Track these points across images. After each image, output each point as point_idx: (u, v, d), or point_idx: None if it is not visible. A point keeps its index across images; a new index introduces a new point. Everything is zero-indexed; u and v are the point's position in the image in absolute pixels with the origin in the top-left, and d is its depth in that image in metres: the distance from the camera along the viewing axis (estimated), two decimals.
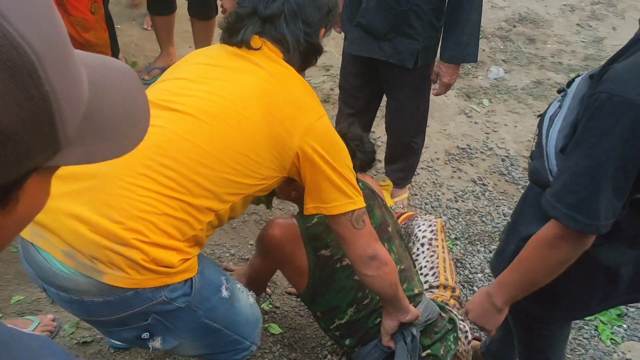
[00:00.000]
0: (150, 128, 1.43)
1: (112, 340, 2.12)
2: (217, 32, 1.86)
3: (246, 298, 1.66)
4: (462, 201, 3.03)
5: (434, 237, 2.26)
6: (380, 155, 3.11)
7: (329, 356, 2.03)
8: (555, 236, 1.31)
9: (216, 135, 1.42)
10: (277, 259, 1.94)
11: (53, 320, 2.25)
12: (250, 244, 2.70)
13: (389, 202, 2.79)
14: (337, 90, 3.76)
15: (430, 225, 2.31)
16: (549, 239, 1.33)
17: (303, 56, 1.57)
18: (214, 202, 1.43)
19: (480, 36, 4.47)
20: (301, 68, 1.60)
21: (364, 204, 1.55)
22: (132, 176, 1.35)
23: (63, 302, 1.41)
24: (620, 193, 1.23)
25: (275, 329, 2.32)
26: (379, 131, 3.36)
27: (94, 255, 1.32)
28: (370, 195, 1.95)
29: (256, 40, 1.53)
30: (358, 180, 1.99)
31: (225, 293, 1.54)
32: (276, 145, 1.46)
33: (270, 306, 2.42)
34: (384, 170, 3.06)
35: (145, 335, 1.45)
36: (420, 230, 2.30)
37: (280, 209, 2.87)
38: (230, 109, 1.44)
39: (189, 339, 1.52)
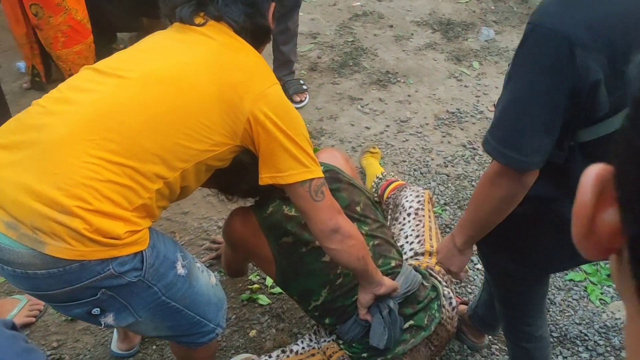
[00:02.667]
0: (96, 94, 1.37)
1: (114, 350, 2.14)
2: None
3: (207, 278, 1.63)
4: (452, 166, 3.00)
5: (420, 207, 2.24)
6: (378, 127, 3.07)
7: (316, 326, 2.03)
8: (494, 173, 1.30)
9: (165, 99, 1.39)
10: (243, 251, 1.95)
11: None
12: None
13: (379, 169, 2.76)
14: (324, 59, 3.73)
15: (417, 196, 2.30)
16: (490, 176, 1.32)
17: (251, 36, 1.54)
18: (162, 168, 1.39)
19: None
20: (254, 47, 1.56)
21: (321, 174, 1.52)
22: (75, 141, 1.32)
23: (9, 276, 1.37)
24: (549, 129, 1.20)
25: (263, 299, 2.33)
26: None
27: (36, 226, 1.28)
28: (332, 179, 1.92)
29: (199, 18, 1.52)
30: (321, 164, 1.96)
31: (181, 270, 1.51)
32: (227, 110, 1.43)
33: (258, 277, 2.42)
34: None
35: (96, 311, 1.41)
36: (407, 201, 2.29)
37: None
38: (180, 75, 1.42)
39: (147, 317, 1.50)
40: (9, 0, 2.76)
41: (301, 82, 3.41)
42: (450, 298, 2.00)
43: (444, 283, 2.02)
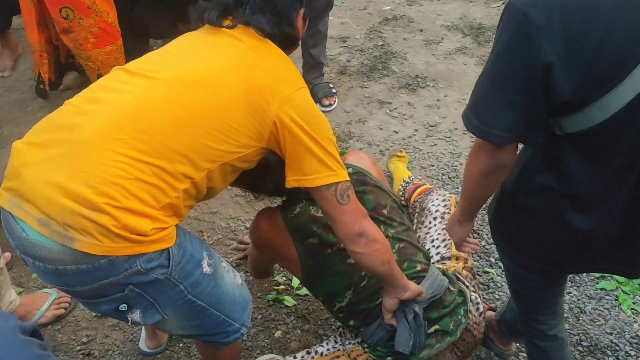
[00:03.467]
0: (126, 95, 1.42)
1: (142, 348, 2.18)
2: None
3: (232, 277, 1.65)
4: None
5: (447, 210, 2.23)
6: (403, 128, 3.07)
7: (342, 328, 2.03)
8: (476, 145, 1.35)
9: (193, 101, 1.42)
10: (269, 252, 1.97)
11: None
12: None
13: (406, 173, 2.76)
14: (353, 62, 3.73)
15: (444, 200, 2.29)
16: (473, 149, 1.37)
17: (279, 42, 1.56)
18: (189, 169, 1.42)
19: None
20: (282, 50, 1.58)
21: (347, 177, 1.52)
22: (105, 140, 1.36)
23: (40, 272, 1.41)
24: (512, 105, 1.23)
25: (289, 301, 2.34)
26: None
27: (67, 223, 1.32)
28: (359, 181, 1.92)
29: (227, 21, 1.54)
30: (348, 165, 1.97)
31: (207, 269, 1.53)
32: (254, 113, 1.45)
33: (284, 278, 2.43)
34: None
35: (123, 307, 1.44)
36: (433, 205, 2.28)
37: None
38: (207, 77, 1.44)
39: (174, 316, 1.52)
40: (26, 7, 2.81)
41: (330, 85, 3.42)
42: (478, 303, 1.98)
43: (472, 288, 2.00)
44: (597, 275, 2.47)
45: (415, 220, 2.35)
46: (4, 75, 3.57)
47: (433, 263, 2.04)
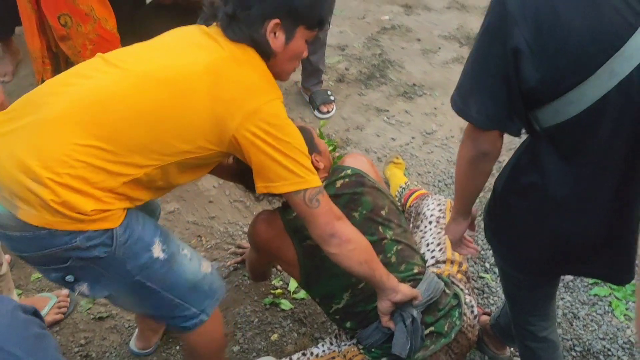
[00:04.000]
0: (96, 81, 1.48)
1: (132, 347, 2.21)
2: None
3: (196, 265, 1.67)
4: None
5: (442, 215, 2.26)
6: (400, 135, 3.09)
7: (337, 330, 2.05)
8: (464, 134, 1.42)
9: (158, 97, 1.46)
10: (267, 253, 1.99)
11: (68, 296, 2.32)
12: None
13: (403, 179, 2.79)
14: (352, 70, 3.77)
15: (439, 205, 2.32)
16: (462, 138, 1.43)
17: (258, 52, 1.56)
18: (142, 159, 1.46)
19: None
20: (262, 57, 1.58)
21: (317, 183, 1.54)
22: (65, 122, 1.42)
23: None
24: (490, 89, 1.29)
25: (285, 304, 2.36)
26: None
27: (13, 191, 1.40)
28: (356, 182, 1.95)
29: (213, 26, 1.59)
30: (346, 167, 2.00)
31: (159, 254, 1.56)
32: (216, 122, 1.48)
33: (281, 282, 2.45)
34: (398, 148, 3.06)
35: (70, 278, 1.52)
36: (428, 209, 2.31)
37: None
38: (177, 78, 1.48)
39: (123, 293, 1.59)
40: (27, 14, 2.83)
41: (329, 92, 3.45)
42: (472, 306, 2.01)
43: (466, 291, 2.02)
44: (591, 281, 2.49)
45: (411, 225, 2.38)
46: (4, 80, 3.59)
47: (428, 267, 2.06)
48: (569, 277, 2.47)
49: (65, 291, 2.32)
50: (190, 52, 1.54)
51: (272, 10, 1.52)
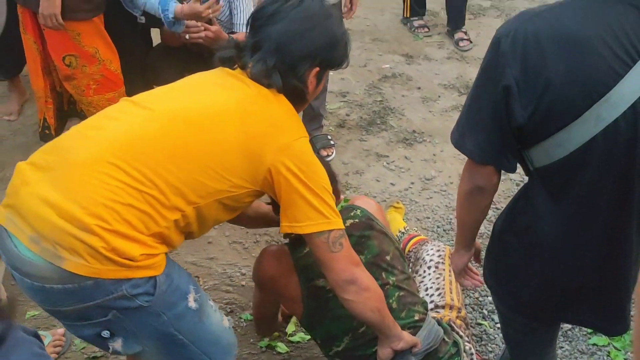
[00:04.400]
0: (126, 124, 1.48)
1: None
2: None
3: (219, 318, 1.64)
4: None
5: (441, 261, 2.27)
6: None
7: None
8: (463, 168, 1.47)
9: (191, 138, 1.47)
10: (272, 290, 1.96)
11: (63, 335, 2.30)
12: None
13: (402, 224, 2.80)
14: (352, 116, 3.83)
15: (438, 251, 2.33)
16: (462, 173, 1.48)
17: (286, 94, 1.58)
18: (180, 201, 1.44)
19: None
20: (291, 102, 1.60)
21: (341, 226, 1.55)
22: (102, 165, 1.40)
23: (26, 289, 1.42)
24: (483, 124, 1.35)
25: (282, 347, 2.33)
26: None
27: (57, 241, 1.34)
28: (365, 224, 1.96)
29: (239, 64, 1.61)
30: (356, 207, 2.01)
31: (192, 304, 1.53)
32: (249, 158, 1.49)
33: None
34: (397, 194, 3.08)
35: (106, 333, 1.45)
36: (428, 255, 2.32)
37: None
38: (208, 117, 1.49)
39: (153, 347, 1.52)
40: (32, 55, 2.90)
41: (329, 137, 3.50)
42: (472, 354, 1.99)
43: (466, 338, 2.01)
44: (589, 330, 2.48)
45: (410, 270, 2.38)
46: (10, 119, 3.65)
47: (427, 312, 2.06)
48: (567, 325, 2.46)
49: (61, 330, 2.29)
50: (218, 91, 1.56)
51: (315, 63, 1.59)
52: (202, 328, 1.56)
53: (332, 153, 3.45)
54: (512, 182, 3.27)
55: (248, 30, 1.66)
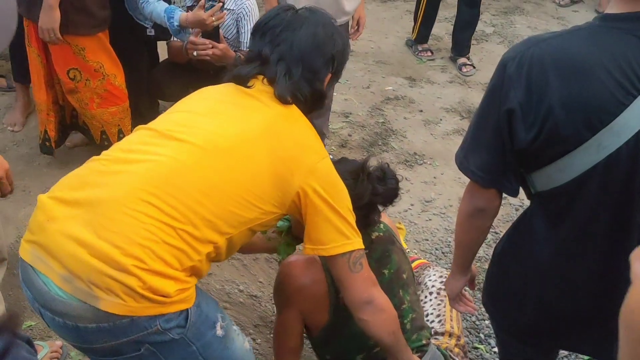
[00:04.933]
0: (156, 157, 1.45)
1: None
2: None
3: (242, 342, 1.63)
4: None
5: (443, 287, 2.26)
6: None
7: None
8: (465, 189, 1.47)
9: (222, 168, 1.45)
10: (301, 300, 1.85)
11: (61, 347, 2.30)
12: (260, 282, 2.73)
13: (405, 245, 2.80)
14: (354, 136, 3.85)
15: (440, 277, 2.32)
16: (463, 193, 1.48)
17: (306, 101, 1.59)
18: (213, 234, 1.43)
19: None
20: (306, 111, 1.62)
21: (362, 246, 1.56)
22: (135, 202, 1.37)
23: (58, 327, 1.41)
24: (487, 146, 1.36)
25: None
26: None
27: (92, 281, 1.32)
28: (389, 239, 1.96)
29: (254, 79, 1.58)
30: (379, 222, 2.00)
31: (220, 331, 1.52)
32: (278, 183, 1.48)
33: None
34: (397, 215, 3.09)
35: None
36: (430, 280, 2.32)
37: None
38: (238, 145, 1.47)
39: None
40: (36, 68, 2.93)
41: (331, 157, 3.50)
42: None
43: None
44: (586, 358, 2.47)
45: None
46: (14, 129, 3.67)
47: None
48: (564, 352, 2.45)
49: (59, 342, 2.29)
50: (241, 115, 1.54)
51: (332, 68, 1.64)
52: (227, 354, 1.56)
53: None
54: (511, 207, 3.28)
55: (259, 40, 1.63)
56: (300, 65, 1.57)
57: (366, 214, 1.84)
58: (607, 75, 1.24)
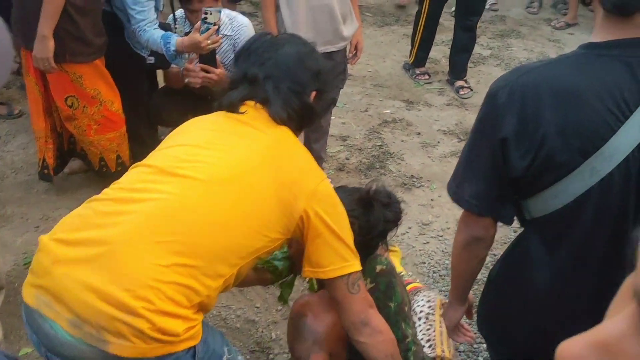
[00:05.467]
0: (160, 195, 1.44)
1: None
2: None
3: None
4: None
5: (431, 312, 2.26)
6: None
7: None
8: (460, 219, 1.46)
9: (228, 200, 1.44)
10: (330, 343, 1.76)
11: None
12: (257, 307, 2.71)
13: (398, 268, 2.79)
14: (352, 160, 3.87)
15: (429, 301, 2.32)
16: (458, 221, 1.47)
17: (297, 116, 1.61)
18: (223, 267, 1.42)
19: None
20: (297, 128, 1.64)
21: (360, 267, 1.57)
22: (142, 242, 1.36)
23: None
24: (481, 175, 1.35)
25: None
26: None
27: (101, 325, 1.31)
28: (391, 271, 1.96)
29: (244, 107, 1.58)
30: (380, 255, 2.00)
31: None
32: (283, 209, 1.48)
33: None
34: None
35: None
36: (418, 306, 2.32)
37: None
38: (240, 175, 1.47)
39: None
40: (34, 97, 2.96)
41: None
42: None
43: None
44: None
45: None
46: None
47: None
48: None
49: None
50: (239, 145, 1.53)
51: (318, 84, 1.65)
52: None
53: None
54: (509, 229, 3.27)
55: (244, 62, 1.65)
56: (288, 79, 1.60)
57: (376, 243, 1.85)
58: (599, 102, 1.25)
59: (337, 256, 1.53)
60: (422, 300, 2.32)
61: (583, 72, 1.29)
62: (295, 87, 1.60)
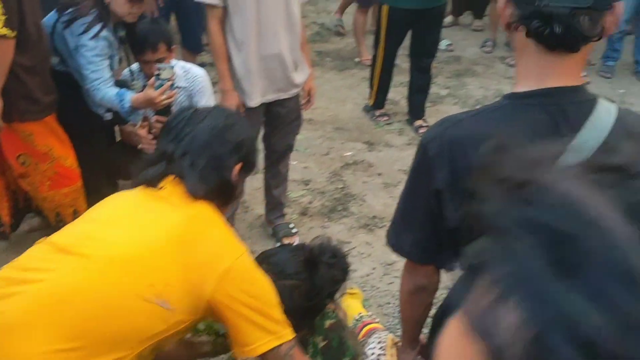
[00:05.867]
0: (55, 275, 1.40)
1: None
2: None
3: None
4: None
5: (382, 352, 2.27)
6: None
7: None
8: (403, 267, 1.48)
9: (126, 284, 1.40)
10: None
11: None
12: None
13: (357, 310, 2.78)
14: (315, 203, 3.89)
15: (380, 342, 2.33)
16: (402, 271, 1.49)
17: (217, 191, 1.58)
18: (117, 351, 1.38)
19: None
20: (222, 203, 1.62)
21: (290, 336, 1.56)
22: (30, 327, 1.33)
23: None
24: (419, 229, 1.35)
25: None
26: None
27: None
28: (340, 324, 1.97)
29: (164, 181, 1.56)
30: (327, 311, 2.00)
31: None
32: (190, 292, 1.45)
33: None
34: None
35: None
36: (369, 349, 2.32)
37: None
38: (144, 255, 1.44)
39: None
40: None
41: (291, 225, 3.53)
42: None
43: None
44: None
45: None
46: None
47: None
48: None
49: None
50: (148, 222, 1.50)
51: (241, 156, 1.63)
52: None
53: (295, 242, 3.47)
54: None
55: (163, 139, 1.64)
56: (205, 155, 1.57)
57: (325, 304, 1.85)
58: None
59: (262, 331, 1.50)
60: (373, 342, 2.33)
61: (507, 122, 1.30)
62: (214, 162, 1.58)
